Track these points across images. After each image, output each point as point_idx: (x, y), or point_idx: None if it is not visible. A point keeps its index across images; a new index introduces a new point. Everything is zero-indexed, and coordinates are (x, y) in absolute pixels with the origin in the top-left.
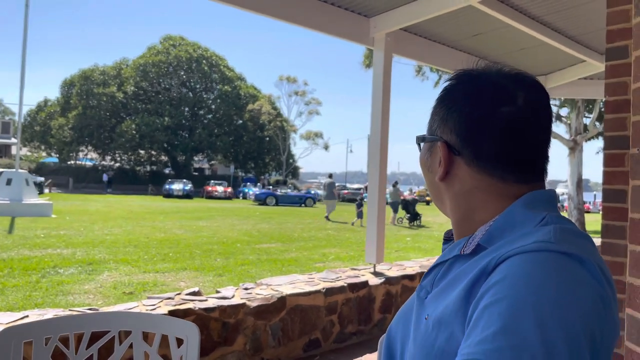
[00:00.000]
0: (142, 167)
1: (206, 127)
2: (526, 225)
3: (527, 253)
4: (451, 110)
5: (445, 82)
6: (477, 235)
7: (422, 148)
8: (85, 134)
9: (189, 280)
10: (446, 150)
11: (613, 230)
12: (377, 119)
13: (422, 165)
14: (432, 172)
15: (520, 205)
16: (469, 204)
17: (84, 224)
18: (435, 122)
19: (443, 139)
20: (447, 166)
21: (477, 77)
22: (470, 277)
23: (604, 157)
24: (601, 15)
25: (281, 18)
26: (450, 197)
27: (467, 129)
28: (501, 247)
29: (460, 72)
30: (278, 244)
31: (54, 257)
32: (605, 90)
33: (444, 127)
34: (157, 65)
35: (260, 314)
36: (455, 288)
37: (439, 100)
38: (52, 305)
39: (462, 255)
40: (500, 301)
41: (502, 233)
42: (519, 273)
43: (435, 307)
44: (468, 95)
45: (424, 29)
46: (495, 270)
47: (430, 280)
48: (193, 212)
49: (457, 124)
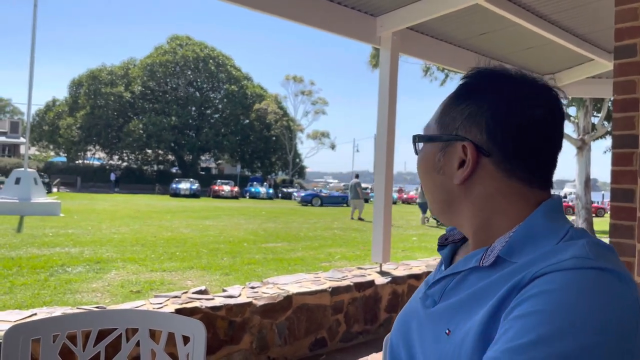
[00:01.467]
0: (149, 167)
1: (213, 127)
2: (549, 238)
3: (568, 270)
4: (482, 108)
5: (465, 79)
6: (496, 247)
7: (426, 148)
8: (93, 133)
9: (196, 279)
10: (475, 151)
11: (621, 230)
12: (384, 118)
13: (428, 167)
14: (445, 175)
15: (541, 215)
16: (490, 210)
17: (92, 222)
18: (457, 120)
19: (468, 138)
20: (473, 168)
21: (506, 77)
22: (501, 293)
23: (612, 156)
24: (609, 13)
25: (288, 17)
26: (469, 202)
27: (502, 128)
28: (533, 263)
29: (480, 69)
30: (284, 244)
31: (62, 255)
32: (614, 89)
33: (470, 126)
34: (164, 65)
35: (266, 312)
36: (481, 303)
37: (461, 97)
38: (60, 303)
39: (480, 267)
40: (537, 314)
41: (523, 245)
42: (559, 289)
43: (457, 321)
44: (501, 94)
45: (430, 27)
46: (530, 284)
47: (439, 290)
48: (200, 211)
49: (490, 122)
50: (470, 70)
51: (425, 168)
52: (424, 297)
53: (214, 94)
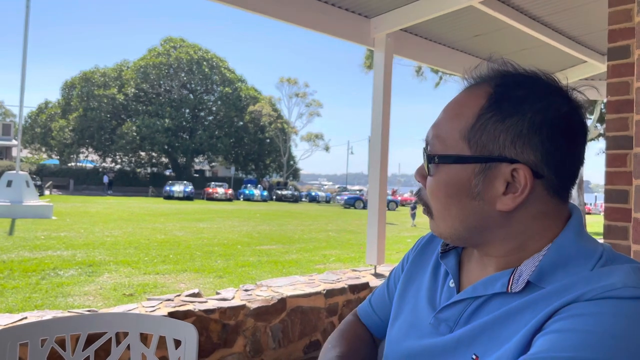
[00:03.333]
0: (143, 169)
1: (207, 129)
2: (583, 262)
3: (621, 299)
4: (534, 125)
5: (497, 87)
6: (524, 271)
7: (451, 169)
8: (86, 135)
9: (189, 282)
10: (531, 175)
11: (616, 231)
12: (378, 120)
13: (458, 192)
14: (483, 201)
15: (571, 236)
16: (529, 233)
17: (84, 225)
18: (501, 139)
19: (519, 160)
20: (529, 194)
21: (544, 85)
22: (538, 318)
23: (606, 157)
24: (603, 15)
25: (281, 18)
26: (508, 227)
27: (556, 147)
28: (571, 286)
29: (508, 74)
30: (278, 246)
31: (54, 258)
32: (607, 90)
33: (522, 146)
34: (157, 67)
35: (260, 315)
36: (510, 328)
37: (500, 110)
38: (52, 307)
39: (507, 292)
40: (581, 332)
41: (554, 269)
42: (611, 314)
43: (484, 346)
44: (550, 107)
45: (424, 29)
46: (571, 305)
47: (455, 315)
48: (193, 213)
49: (546, 142)
50: (497, 75)
51: (453, 192)
52: (435, 322)
53: (207, 96)
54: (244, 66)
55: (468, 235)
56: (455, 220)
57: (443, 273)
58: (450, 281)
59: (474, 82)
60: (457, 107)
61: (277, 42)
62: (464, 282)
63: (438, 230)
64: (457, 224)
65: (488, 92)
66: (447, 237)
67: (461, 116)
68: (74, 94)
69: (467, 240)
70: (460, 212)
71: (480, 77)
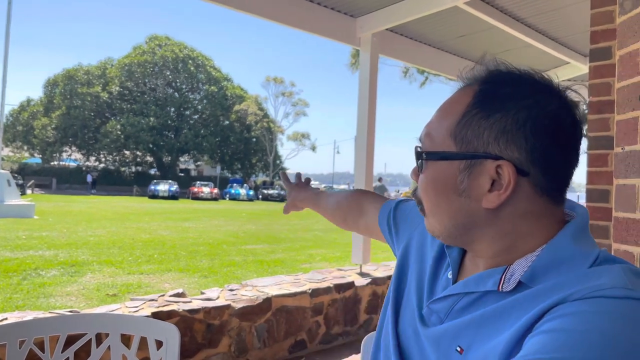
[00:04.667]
0: (127, 168)
1: (192, 128)
2: (576, 264)
3: (608, 298)
4: (519, 121)
5: (484, 84)
6: (516, 270)
7: (439, 166)
8: (69, 134)
9: (174, 282)
10: (515, 171)
11: (597, 230)
12: (364, 120)
13: (445, 189)
14: (470, 198)
15: (567, 238)
16: (517, 233)
17: (67, 225)
18: (485, 136)
19: (503, 157)
20: (513, 190)
21: (532, 82)
22: (529, 316)
23: (588, 157)
24: (585, 17)
25: (267, 17)
26: (495, 225)
27: (541, 143)
28: (563, 285)
29: (497, 72)
30: (264, 245)
31: (36, 258)
32: (589, 91)
33: (506, 143)
34: (142, 65)
35: (245, 315)
36: (499, 325)
37: (486, 107)
38: (33, 307)
39: (498, 291)
40: (565, 332)
41: (547, 270)
42: (597, 312)
43: (470, 340)
44: (537, 104)
45: (410, 29)
46: (563, 304)
47: (445, 307)
48: (179, 213)
49: (530, 138)
50: (485, 74)
51: (440, 189)
52: (427, 312)
53: (193, 95)
54: (230, 65)
55: (457, 232)
56: (444, 216)
57: (446, 263)
58: (449, 272)
59: (466, 83)
60: (447, 106)
61: (263, 41)
62: (462, 275)
63: (430, 228)
64: (446, 220)
65: (475, 90)
66: (438, 235)
67: (450, 114)
68: (57, 91)
69: (456, 239)
70: (448, 209)
71: (473, 77)
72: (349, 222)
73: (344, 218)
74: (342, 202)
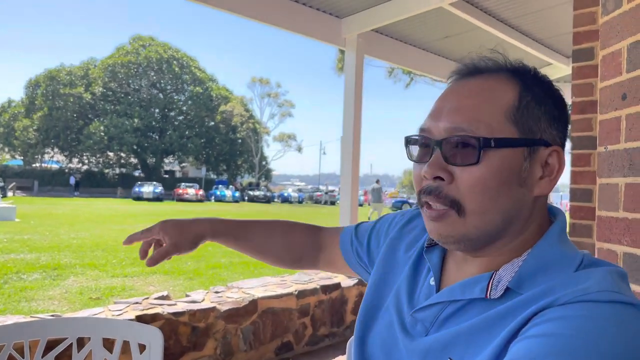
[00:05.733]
0: (111, 170)
1: (177, 129)
2: (564, 268)
3: (594, 302)
4: (560, 111)
5: (540, 75)
6: (502, 276)
7: (501, 154)
8: (51, 135)
9: (159, 285)
10: (563, 157)
11: (580, 229)
12: (350, 120)
13: (509, 179)
14: (526, 187)
15: (552, 242)
16: (532, 222)
17: (49, 227)
18: (542, 122)
19: (555, 143)
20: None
21: (545, 78)
22: (514, 324)
23: (571, 157)
24: (568, 18)
25: (252, 17)
26: (532, 215)
27: (566, 132)
28: (549, 291)
29: (518, 62)
30: None
31: (17, 262)
32: (572, 92)
33: (555, 130)
34: (126, 66)
35: (231, 317)
36: (488, 335)
37: (539, 96)
38: (15, 311)
39: (485, 299)
40: (551, 336)
41: (534, 275)
42: (582, 316)
43: (461, 351)
44: (560, 97)
45: (395, 30)
46: (548, 309)
47: (430, 316)
48: (164, 215)
49: (565, 128)
50: (513, 62)
51: (506, 180)
52: (412, 322)
53: (178, 96)
54: (215, 66)
55: (502, 227)
56: (498, 213)
57: (426, 268)
58: (431, 279)
59: (491, 69)
60: (488, 92)
61: (249, 42)
62: (444, 280)
63: (464, 230)
64: (498, 217)
65: (512, 76)
66: (471, 238)
67: (499, 99)
68: (39, 92)
69: (490, 238)
70: (507, 202)
71: (496, 65)
72: (303, 263)
73: (298, 259)
74: (293, 240)
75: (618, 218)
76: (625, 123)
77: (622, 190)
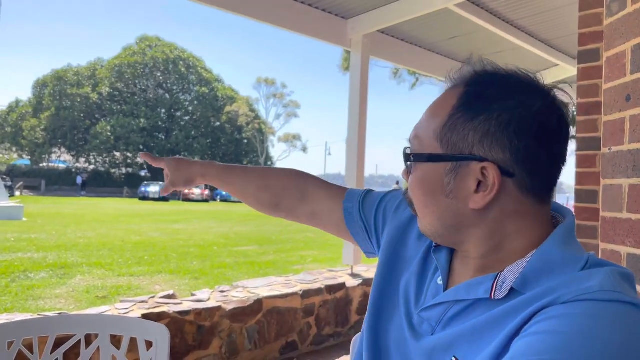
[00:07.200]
0: (118, 169)
1: (183, 129)
2: (567, 269)
3: (596, 301)
4: (502, 123)
5: (468, 87)
6: (507, 277)
7: (426, 168)
8: (59, 135)
9: (165, 284)
10: (499, 173)
11: (585, 230)
12: (355, 121)
13: (433, 190)
14: (457, 199)
15: (558, 243)
16: (504, 233)
17: (56, 227)
18: (470, 138)
19: (488, 159)
20: (498, 191)
21: (517, 82)
22: (516, 322)
23: (576, 158)
24: (573, 19)
25: (258, 19)
26: (482, 226)
27: (525, 145)
28: (552, 290)
29: (482, 73)
30: (255, 247)
31: (25, 261)
32: (577, 93)
33: (490, 145)
34: (132, 66)
35: (236, 316)
36: (492, 334)
37: (471, 109)
38: (22, 310)
39: (490, 299)
40: (552, 334)
41: (538, 276)
42: (582, 314)
43: (465, 350)
44: (521, 104)
45: (400, 31)
46: (550, 307)
47: (436, 316)
48: (169, 214)
49: (514, 139)
50: (471, 75)
51: (428, 191)
52: (419, 321)
53: (184, 96)
54: (221, 66)
55: (446, 233)
56: (432, 217)
57: (433, 267)
58: (439, 278)
59: (453, 84)
60: (434, 108)
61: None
62: (452, 280)
63: (422, 228)
64: (435, 221)
65: (460, 91)
66: (429, 235)
67: (436, 116)
68: (46, 92)
69: (446, 239)
70: (436, 210)
71: (459, 79)
72: (282, 208)
73: (276, 203)
74: (273, 183)
75: (622, 219)
76: (629, 124)
77: (625, 191)
